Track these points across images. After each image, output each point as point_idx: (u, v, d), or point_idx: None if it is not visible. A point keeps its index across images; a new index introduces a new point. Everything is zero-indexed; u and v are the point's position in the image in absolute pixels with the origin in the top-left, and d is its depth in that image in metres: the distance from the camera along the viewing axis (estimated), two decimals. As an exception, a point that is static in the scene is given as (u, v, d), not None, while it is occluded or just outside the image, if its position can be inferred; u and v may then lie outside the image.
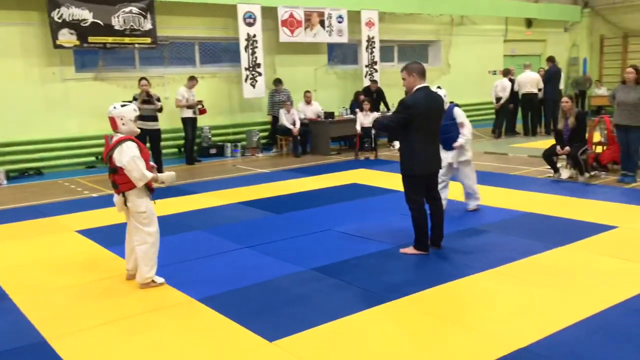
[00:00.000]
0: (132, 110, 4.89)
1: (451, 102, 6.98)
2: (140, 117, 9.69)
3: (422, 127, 5.39)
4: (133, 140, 4.83)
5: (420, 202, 5.57)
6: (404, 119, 5.36)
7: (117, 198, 4.97)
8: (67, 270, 5.58)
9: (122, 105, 4.92)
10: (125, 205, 4.90)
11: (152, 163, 5.04)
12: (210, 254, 5.90)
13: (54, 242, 6.61)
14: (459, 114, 6.98)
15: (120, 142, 4.77)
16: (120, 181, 4.83)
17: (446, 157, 6.96)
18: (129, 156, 4.70)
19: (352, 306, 4.43)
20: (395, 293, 4.65)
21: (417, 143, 5.41)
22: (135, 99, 10.34)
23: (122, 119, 4.83)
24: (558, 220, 6.75)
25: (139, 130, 5.03)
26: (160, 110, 10.64)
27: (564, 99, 8.90)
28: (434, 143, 5.60)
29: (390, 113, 10.85)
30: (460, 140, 6.94)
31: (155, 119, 10.56)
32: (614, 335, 3.84)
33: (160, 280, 5.02)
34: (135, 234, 4.95)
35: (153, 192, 5.00)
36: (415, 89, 5.45)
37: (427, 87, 5.48)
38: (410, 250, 5.66)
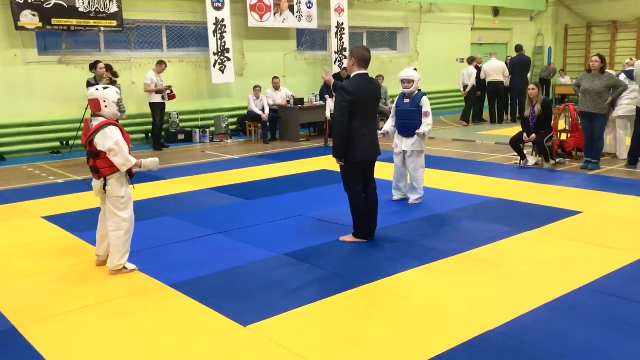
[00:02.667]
0: (115, 92, 4.82)
1: (419, 90, 6.98)
2: None
3: (360, 114, 5.32)
4: (115, 125, 4.76)
5: (358, 190, 5.53)
6: (345, 107, 5.25)
7: (96, 182, 4.89)
8: (35, 257, 5.48)
9: (105, 88, 4.84)
10: (104, 189, 4.82)
11: None
12: (182, 239, 5.86)
13: (20, 228, 6.48)
14: (426, 103, 6.89)
15: (102, 126, 4.68)
16: (102, 165, 4.75)
17: (401, 144, 6.99)
18: (112, 141, 4.63)
19: (324, 291, 4.46)
20: (367, 277, 4.69)
21: (357, 130, 5.34)
22: (90, 84, 9.77)
23: (105, 101, 4.74)
24: (524, 205, 6.89)
25: (119, 114, 4.94)
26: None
27: (531, 86, 9.04)
28: (373, 130, 5.52)
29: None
30: (424, 129, 6.82)
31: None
32: (580, 316, 3.96)
33: (132, 267, 4.97)
34: (110, 220, 4.87)
35: (133, 176, 4.94)
36: (353, 74, 5.39)
37: (366, 74, 5.37)
38: (349, 238, 5.63)
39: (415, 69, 6.95)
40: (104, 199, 4.91)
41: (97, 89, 4.81)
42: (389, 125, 7.15)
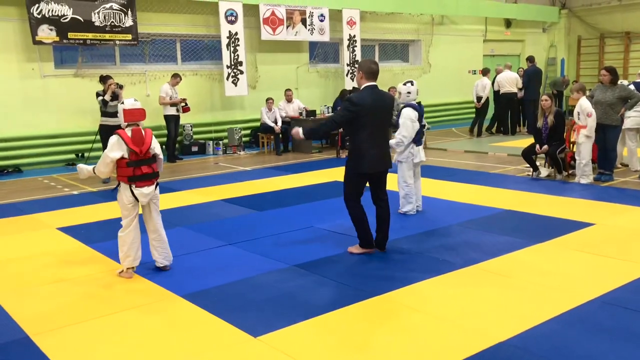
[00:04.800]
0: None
1: (419, 103, 7.01)
2: (110, 114, 9.63)
3: (369, 125, 5.34)
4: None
5: (356, 201, 5.52)
6: (347, 116, 5.33)
7: (148, 189, 5.06)
8: (49, 267, 5.55)
9: (122, 103, 5.13)
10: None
11: None
12: (193, 250, 5.91)
13: (34, 239, 6.56)
14: (402, 114, 6.88)
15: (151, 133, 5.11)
16: (157, 169, 5.14)
17: (420, 154, 7.00)
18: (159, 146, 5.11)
19: (334, 302, 4.48)
20: (378, 289, 4.71)
21: (365, 142, 5.36)
22: (99, 94, 10.00)
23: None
24: (537, 217, 6.87)
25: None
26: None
27: (544, 97, 9.03)
28: (383, 142, 5.54)
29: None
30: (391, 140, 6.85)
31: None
32: (590, 328, 3.94)
33: (127, 275, 5.14)
34: (158, 220, 5.24)
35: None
36: (362, 87, 5.44)
37: (374, 86, 5.41)
38: (356, 249, 5.64)
39: (411, 82, 6.97)
40: (141, 207, 5.16)
41: (135, 100, 5.13)
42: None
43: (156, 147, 5.10)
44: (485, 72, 15.36)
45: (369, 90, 5.39)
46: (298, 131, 5.61)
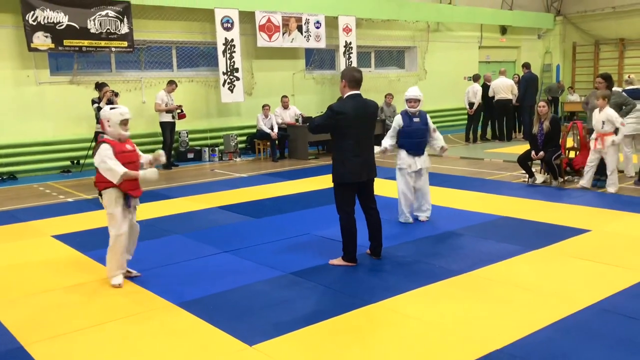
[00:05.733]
0: (119, 114, 5.04)
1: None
2: None
3: (352, 134, 5.30)
4: (109, 142, 5.00)
5: (349, 212, 5.43)
6: (326, 123, 5.32)
7: None
8: (44, 275, 5.52)
9: (112, 109, 5.10)
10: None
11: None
12: (189, 258, 5.89)
13: (29, 247, 6.53)
14: (430, 120, 7.04)
15: (99, 143, 5.03)
16: (97, 180, 5.08)
17: (415, 162, 6.95)
18: (100, 158, 4.94)
19: (330, 310, 4.46)
20: (374, 296, 4.69)
21: (348, 151, 5.31)
22: (94, 101, 9.99)
23: (108, 121, 5.04)
24: (532, 224, 6.87)
25: (126, 134, 5.11)
26: None
27: (541, 103, 9.02)
28: (367, 150, 5.45)
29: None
30: (445, 143, 7.11)
31: None
32: (587, 335, 3.94)
33: (116, 282, 5.09)
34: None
35: (129, 197, 5.09)
36: (345, 95, 5.40)
37: (358, 95, 5.37)
38: (338, 261, 5.56)
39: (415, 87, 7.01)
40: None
41: (105, 110, 5.10)
42: (388, 143, 7.04)
43: (95, 160, 5.07)
44: (475, 78, 15.39)
45: (351, 99, 5.35)
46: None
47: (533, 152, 9.03)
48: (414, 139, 6.93)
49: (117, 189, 5.00)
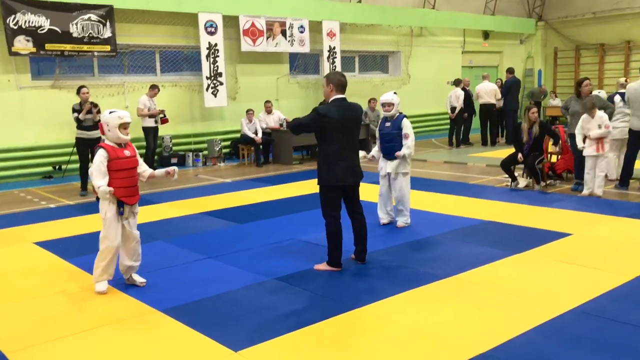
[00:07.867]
0: (117, 117, 5.00)
1: (400, 113, 7.02)
2: (85, 127, 9.42)
3: (336, 138, 5.31)
4: (105, 147, 4.99)
5: (335, 216, 5.42)
6: (310, 124, 5.34)
7: None
8: (26, 283, 5.46)
9: (110, 112, 5.07)
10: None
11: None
12: (173, 264, 5.86)
13: (11, 254, 6.45)
14: (406, 125, 6.89)
15: (97, 148, 5.03)
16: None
17: (385, 166, 7.01)
18: (95, 164, 4.91)
19: (316, 315, 4.47)
20: (359, 301, 4.70)
21: (332, 155, 5.32)
22: (75, 110, 9.57)
23: (107, 124, 5.02)
24: (515, 228, 6.93)
25: (126, 138, 5.08)
26: (98, 121, 10.27)
27: (533, 109, 9.06)
28: (352, 154, 5.45)
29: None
30: (404, 151, 6.84)
31: (96, 127, 10.07)
32: (569, 338, 3.97)
33: (100, 289, 5.05)
34: None
35: (123, 204, 5.03)
36: (330, 99, 5.43)
37: (343, 99, 5.40)
38: (323, 266, 5.56)
39: (395, 93, 7.02)
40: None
41: (105, 114, 5.09)
42: (375, 149, 7.18)
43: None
44: (457, 82, 15.46)
45: (336, 103, 5.38)
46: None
47: (520, 155, 9.08)
48: (384, 143, 7.01)
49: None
